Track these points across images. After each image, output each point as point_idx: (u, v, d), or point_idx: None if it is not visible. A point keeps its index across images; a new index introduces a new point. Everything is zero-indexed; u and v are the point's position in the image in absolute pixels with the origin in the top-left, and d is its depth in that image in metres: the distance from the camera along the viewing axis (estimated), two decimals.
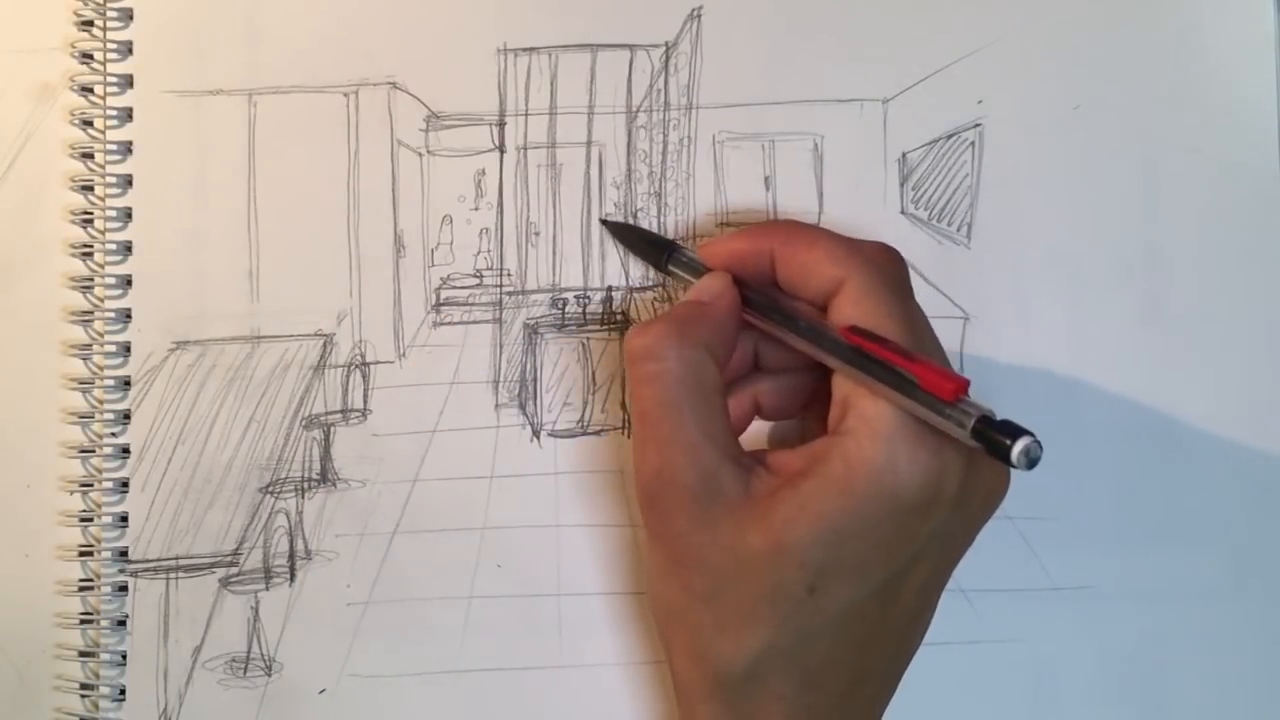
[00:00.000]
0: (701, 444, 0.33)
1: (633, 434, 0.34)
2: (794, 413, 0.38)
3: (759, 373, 0.37)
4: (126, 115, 0.42)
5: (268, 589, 0.41)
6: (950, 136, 0.43)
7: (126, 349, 0.41)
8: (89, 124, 0.42)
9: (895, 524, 0.31)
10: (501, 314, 0.42)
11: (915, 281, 0.42)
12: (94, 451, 0.41)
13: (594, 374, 0.42)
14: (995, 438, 0.28)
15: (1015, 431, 0.28)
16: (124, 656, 0.41)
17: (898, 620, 0.34)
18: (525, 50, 0.42)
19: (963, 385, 0.29)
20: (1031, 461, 0.28)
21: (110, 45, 0.42)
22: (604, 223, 0.42)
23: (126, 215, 0.42)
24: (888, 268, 0.34)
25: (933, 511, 0.31)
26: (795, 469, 0.32)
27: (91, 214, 0.42)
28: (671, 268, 0.39)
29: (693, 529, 0.32)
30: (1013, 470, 0.30)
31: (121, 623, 0.41)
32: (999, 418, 0.29)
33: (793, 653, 0.32)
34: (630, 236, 0.41)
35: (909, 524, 0.31)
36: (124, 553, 0.41)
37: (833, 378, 0.33)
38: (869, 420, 0.31)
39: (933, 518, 0.32)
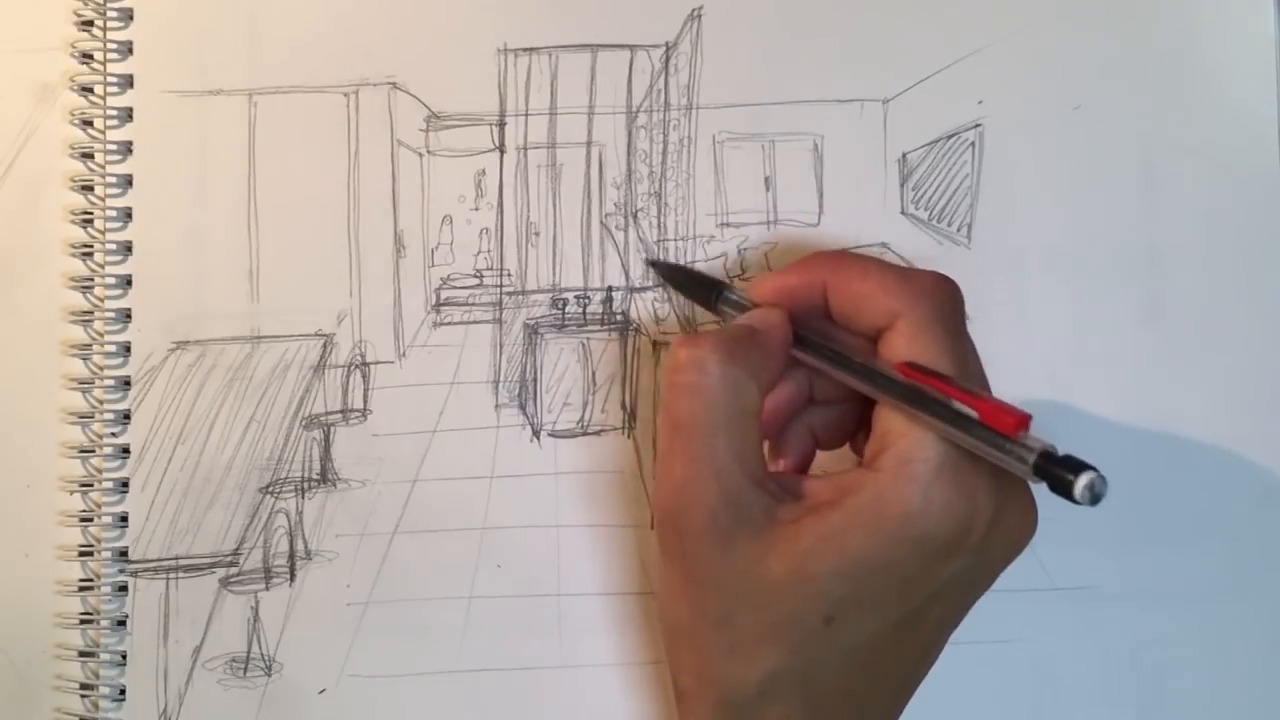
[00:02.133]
0: (731, 465, 0.32)
1: (660, 446, 0.33)
2: (844, 442, 0.38)
3: (813, 405, 0.37)
4: (126, 115, 0.42)
5: (268, 589, 0.41)
6: (950, 136, 0.43)
7: (126, 349, 0.41)
8: (89, 124, 0.42)
9: (919, 565, 0.31)
10: (501, 314, 0.42)
11: None
12: (94, 451, 0.41)
13: (594, 374, 0.42)
14: (1058, 473, 0.28)
15: (1078, 466, 0.28)
16: (124, 656, 0.41)
17: (909, 656, 0.34)
18: (525, 50, 0.42)
19: (1024, 420, 0.29)
20: (1095, 497, 0.27)
21: (110, 45, 0.42)
22: (652, 264, 0.42)
23: (126, 215, 0.42)
24: (944, 302, 0.33)
25: (957, 555, 0.31)
26: (823, 499, 0.32)
27: (91, 214, 0.42)
28: (721, 307, 0.38)
29: (711, 550, 0.32)
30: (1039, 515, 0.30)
31: (121, 623, 0.41)
32: (1061, 453, 0.29)
33: (802, 680, 0.32)
34: (678, 277, 0.41)
35: (932, 566, 0.31)
36: (124, 553, 0.41)
37: (876, 410, 0.33)
38: (907, 461, 0.31)
39: (956, 561, 0.32)
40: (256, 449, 0.41)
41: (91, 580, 0.41)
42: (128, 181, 0.42)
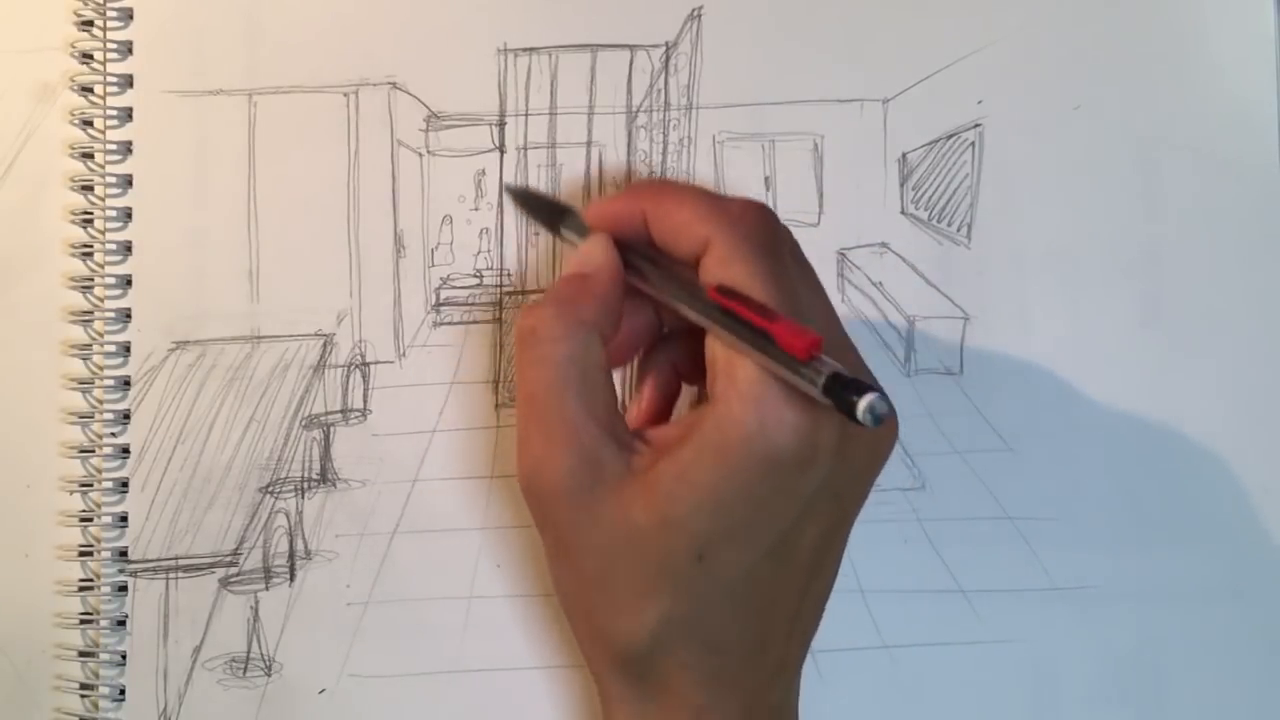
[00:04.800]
0: (585, 425, 0.32)
1: (517, 419, 0.34)
2: (702, 376, 0.37)
3: (671, 339, 0.37)
4: (126, 115, 0.42)
5: (267, 589, 0.41)
6: (950, 136, 0.43)
7: (126, 349, 0.41)
8: (89, 124, 0.42)
9: (774, 485, 0.31)
10: (501, 314, 0.42)
11: (915, 281, 0.42)
12: (94, 451, 0.41)
13: None
14: (843, 395, 0.28)
15: (861, 389, 0.28)
16: (124, 656, 0.41)
17: (794, 579, 0.34)
18: (525, 50, 0.42)
19: (815, 342, 0.29)
20: (877, 419, 0.28)
21: (110, 45, 0.42)
22: (507, 188, 0.42)
23: (126, 215, 0.42)
24: (756, 226, 0.33)
25: (811, 469, 0.31)
26: (674, 440, 0.32)
27: (91, 214, 0.42)
28: (563, 232, 0.38)
29: (577, 513, 0.32)
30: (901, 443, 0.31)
31: (121, 623, 0.41)
32: (850, 375, 0.29)
33: (690, 622, 0.32)
34: (529, 201, 0.41)
35: (789, 483, 0.31)
36: (124, 553, 0.41)
37: (706, 342, 0.33)
38: (738, 384, 0.31)
39: (812, 475, 0.31)
40: (256, 449, 0.41)
41: (91, 580, 0.41)
42: (128, 181, 0.42)
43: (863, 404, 0.28)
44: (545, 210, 0.39)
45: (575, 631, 0.35)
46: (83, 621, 0.41)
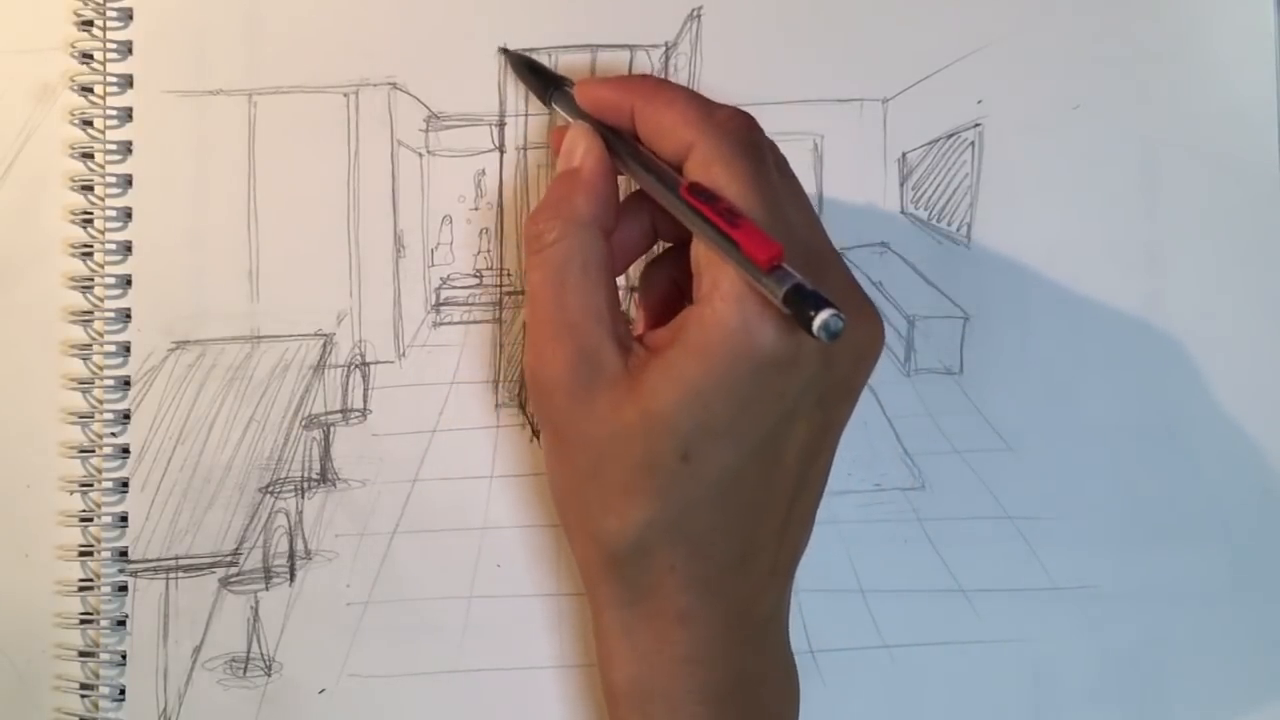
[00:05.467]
0: (584, 322, 0.33)
1: (525, 317, 0.34)
2: None
3: (669, 252, 0.38)
4: (126, 115, 0.42)
5: (267, 589, 0.41)
6: (950, 136, 0.43)
7: (126, 349, 0.41)
8: (89, 124, 0.42)
9: (758, 383, 0.31)
10: (501, 314, 0.42)
11: (915, 281, 0.42)
12: (94, 451, 0.41)
13: None
14: (801, 308, 0.28)
15: (820, 303, 0.28)
16: (124, 656, 0.41)
17: (782, 485, 0.34)
18: (525, 50, 0.42)
19: (776, 252, 0.29)
20: (832, 334, 0.28)
21: (110, 45, 0.42)
22: (503, 51, 0.42)
23: (126, 215, 0.42)
24: (739, 133, 0.34)
25: (795, 368, 0.31)
26: (664, 341, 0.33)
27: (91, 214, 0.42)
28: (554, 104, 0.39)
29: (574, 406, 0.33)
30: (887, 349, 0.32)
31: (121, 623, 0.41)
32: (811, 288, 0.29)
33: (676, 524, 0.33)
34: (523, 68, 0.41)
35: (772, 382, 0.31)
36: (124, 553, 0.41)
37: (691, 245, 0.33)
38: (720, 283, 0.31)
39: (798, 375, 0.32)
40: (256, 449, 0.41)
41: (91, 580, 0.41)
42: (128, 181, 0.42)
43: (818, 320, 0.28)
44: (540, 79, 0.40)
45: (568, 532, 0.36)
46: (83, 621, 0.41)
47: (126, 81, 0.42)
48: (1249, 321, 0.42)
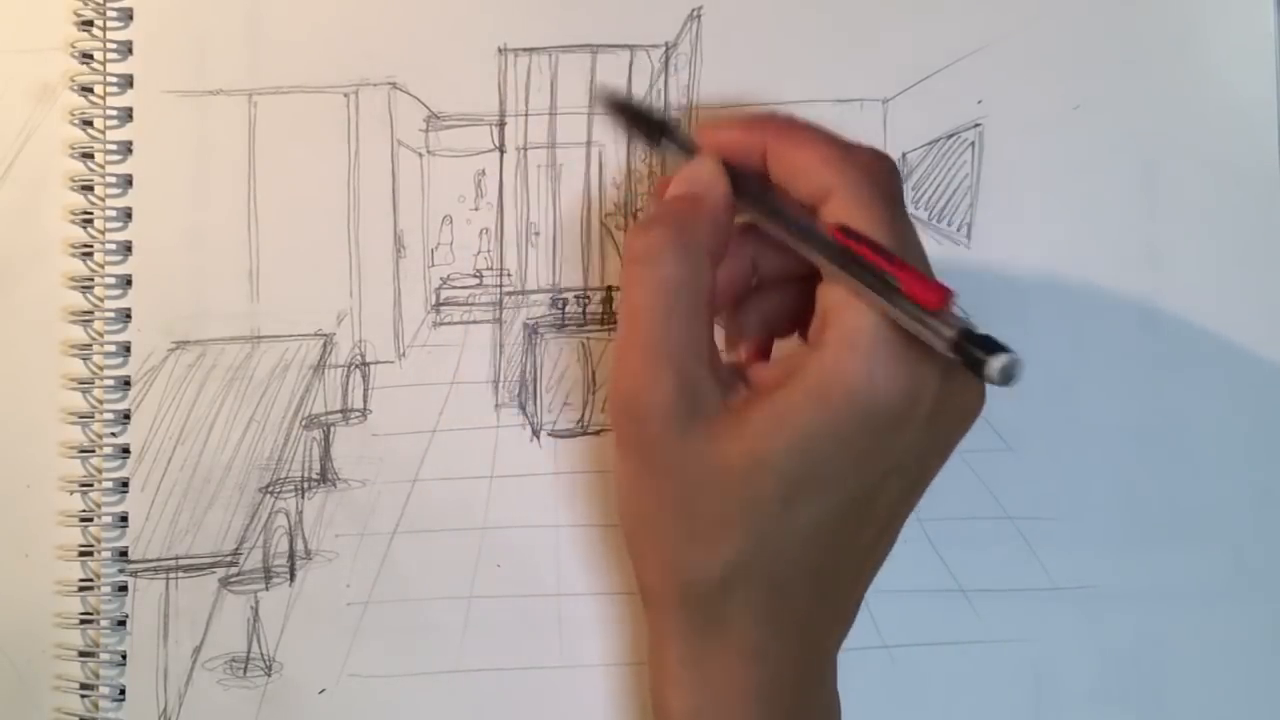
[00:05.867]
0: (685, 352, 0.32)
1: (618, 335, 0.33)
2: (796, 328, 0.37)
3: (764, 290, 0.37)
4: (126, 115, 0.42)
5: (268, 589, 0.41)
6: (950, 136, 0.43)
7: (126, 349, 0.41)
8: (89, 124, 0.42)
9: (870, 438, 0.31)
10: (501, 314, 0.42)
11: None
12: (94, 451, 0.41)
13: (594, 374, 0.42)
14: (974, 352, 0.28)
15: (995, 347, 0.27)
16: (124, 656, 0.41)
17: (868, 534, 0.34)
18: (525, 50, 0.42)
19: (946, 295, 0.29)
20: (1008, 379, 0.27)
21: (110, 45, 0.42)
22: (603, 97, 0.41)
23: (126, 215, 0.42)
24: (880, 176, 0.33)
25: (907, 427, 0.31)
26: (773, 382, 0.32)
27: (91, 214, 0.42)
28: (665, 146, 0.37)
29: (670, 437, 0.32)
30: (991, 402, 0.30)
31: (121, 623, 0.41)
32: (982, 332, 0.28)
33: (763, 563, 0.32)
34: (626, 113, 0.40)
35: (883, 439, 0.31)
36: (124, 553, 0.41)
37: (819, 288, 0.33)
38: (848, 333, 0.31)
39: (907, 433, 0.31)
40: (256, 449, 0.41)
41: (91, 580, 0.41)
42: (128, 181, 0.42)
43: (997, 363, 0.27)
44: (643, 123, 0.38)
45: (640, 559, 0.35)
46: (83, 621, 0.41)
47: (126, 81, 0.42)
48: (1249, 321, 0.42)
